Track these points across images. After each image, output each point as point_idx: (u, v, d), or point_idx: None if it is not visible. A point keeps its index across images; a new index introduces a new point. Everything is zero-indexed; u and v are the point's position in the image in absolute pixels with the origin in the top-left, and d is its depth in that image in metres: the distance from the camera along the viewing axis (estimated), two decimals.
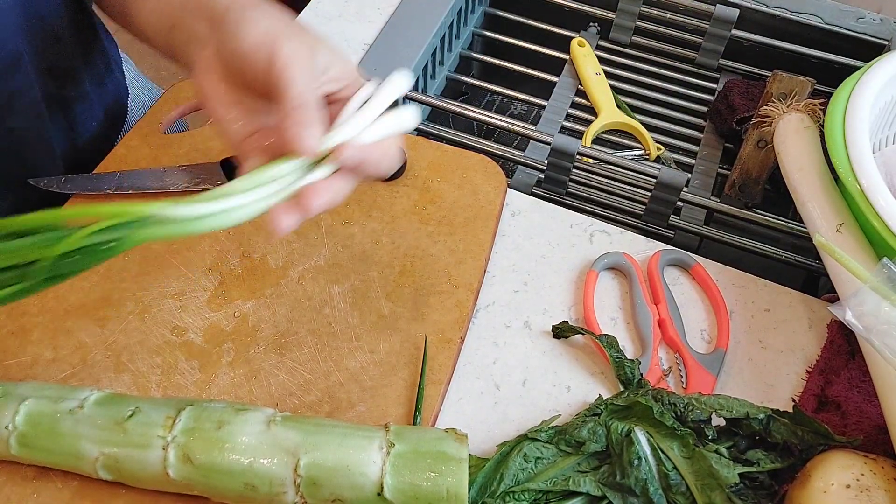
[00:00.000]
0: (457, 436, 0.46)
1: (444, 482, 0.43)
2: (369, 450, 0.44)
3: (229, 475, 0.44)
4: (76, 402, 0.47)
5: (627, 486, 0.46)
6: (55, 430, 0.46)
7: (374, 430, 0.46)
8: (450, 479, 0.43)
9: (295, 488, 0.44)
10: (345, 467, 0.44)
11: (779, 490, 0.47)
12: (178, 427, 0.45)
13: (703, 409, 0.49)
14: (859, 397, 0.52)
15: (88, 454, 0.45)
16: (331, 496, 0.44)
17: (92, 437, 0.46)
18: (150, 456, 0.45)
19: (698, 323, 0.59)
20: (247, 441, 0.45)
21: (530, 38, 0.89)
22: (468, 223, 0.61)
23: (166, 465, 0.44)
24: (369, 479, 0.43)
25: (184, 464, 0.44)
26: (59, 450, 0.46)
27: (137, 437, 0.45)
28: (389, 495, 0.43)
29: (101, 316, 0.55)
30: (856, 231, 0.55)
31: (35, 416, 0.46)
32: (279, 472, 0.44)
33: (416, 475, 0.44)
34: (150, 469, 0.45)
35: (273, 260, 0.59)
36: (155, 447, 0.45)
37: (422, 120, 0.83)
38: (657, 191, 0.68)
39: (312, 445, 0.44)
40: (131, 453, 0.45)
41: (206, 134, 0.66)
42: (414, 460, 0.44)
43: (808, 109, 0.64)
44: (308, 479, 0.44)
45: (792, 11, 0.85)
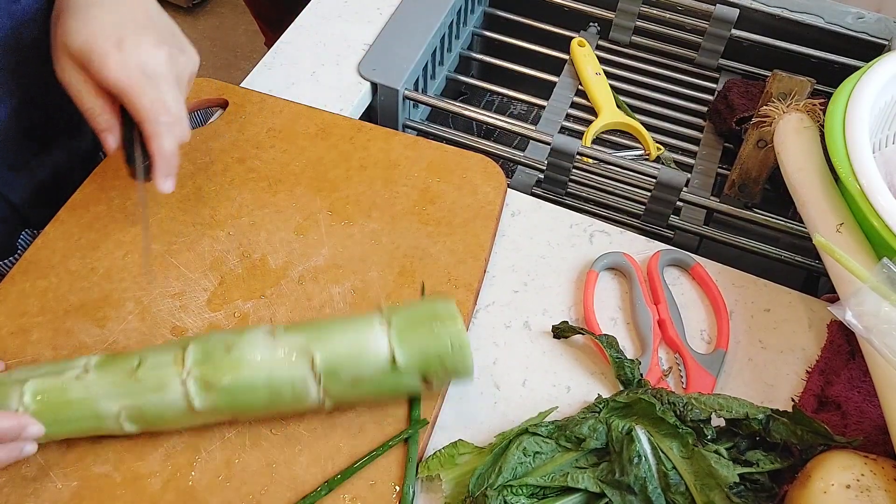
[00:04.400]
0: (443, 300, 0.49)
1: (446, 337, 0.47)
2: (372, 330, 0.48)
3: (252, 390, 0.46)
4: (79, 369, 0.47)
5: (626, 484, 0.46)
6: (67, 400, 0.46)
7: (368, 315, 0.49)
8: (450, 332, 0.47)
9: (316, 383, 0.47)
10: (356, 351, 0.47)
11: (779, 491, 0.47)
12: (190, 361, 0.47)
13: (703, 409, 0.49)
14: (859, 397, 0.52)
15: (109, 411, 0.46)
16: (350, 380, 0.47)
17: (108, 394, 0.46)
18: (171, 395, 0.46)
19: (698, 323, 0.59)
20: (259, 355, 0.47)
21: (530, 38, 0.90)
22: (468, 223, 0.61)
23: (189, 398, 0.46)
24: (381, 355, 0.47)
25: (207, 392, 0.46)
26: (76, 417, 0.46)
27: (154, 381, 0.46)
28: (402, 362, 0.47)
29: (101, 316, 0.55)
30: (856, 231, 0.55)
31: (43, 393, 0.46)
32: (298, 372, 0.47)
33: (420, 339, 0.47)
34: (174, 407, 0.46)
35: (273, 260, 0.59)
36: (173, 385, 0.46)
37: (422, 120, 0.83)
38: (657, 191, 0.68)
39: (319, 341, 0.47)
40: (152, 398, 0.46)
41: (206, 133, 0.66)
42: (414, 328, 0.48)
43: (808, 109, 0.64)
44: (327, 370, 0.47)
45: (792, 11, 0.85)
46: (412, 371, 0.47)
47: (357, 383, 0.47)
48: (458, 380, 0.50)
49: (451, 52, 0.88)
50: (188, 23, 2.21)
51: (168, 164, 0.52)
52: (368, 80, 0.75)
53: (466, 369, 0.48)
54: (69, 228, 0.59)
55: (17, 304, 0.55)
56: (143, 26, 0.52)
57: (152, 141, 0.51)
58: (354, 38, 0.79)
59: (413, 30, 0.79)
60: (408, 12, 0.81)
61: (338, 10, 0.82)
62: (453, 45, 0.88)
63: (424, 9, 0.81)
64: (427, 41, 0.78)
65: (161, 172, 0.52)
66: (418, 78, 0.80)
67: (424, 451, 0.52)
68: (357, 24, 0.81)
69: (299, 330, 0.49)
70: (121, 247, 0.59)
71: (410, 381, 0.48)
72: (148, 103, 0.50)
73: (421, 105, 0.82)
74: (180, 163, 0.64)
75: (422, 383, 0.48)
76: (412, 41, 0.78)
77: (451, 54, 0.88)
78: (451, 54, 0.88)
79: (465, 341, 0.47)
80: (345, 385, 0.47)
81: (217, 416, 0.48)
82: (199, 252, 0.59)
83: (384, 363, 0.47)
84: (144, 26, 0.52)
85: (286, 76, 0.75)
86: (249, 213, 0.61)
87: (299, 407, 0.48)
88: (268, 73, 0.76)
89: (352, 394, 0.48)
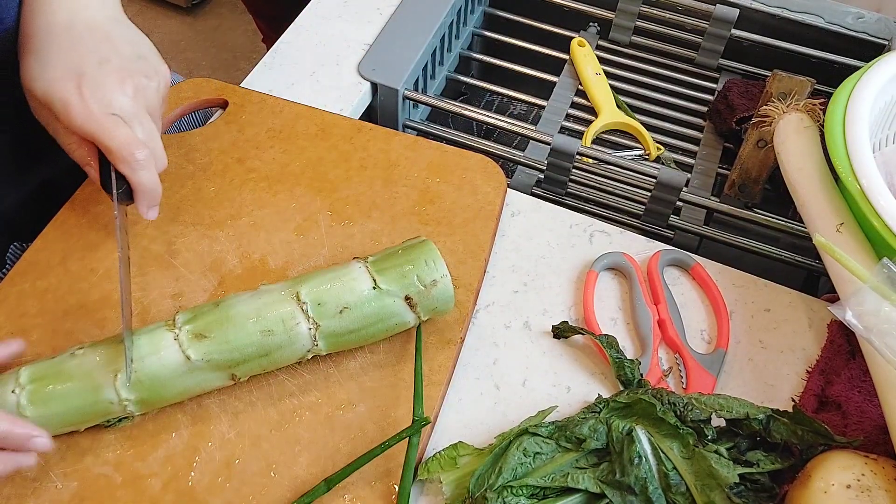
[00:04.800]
0: (412, 238, 0.54)
1: (420, 256, 0.51)
2: (351, 267, 0.51)
3: (244, 332, 0.48)
4: (72, 350, 0.48)
5: (627, 485, 0.46)
6: (63, 372, 0.47)
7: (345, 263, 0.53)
8: (423, 253, 0.51)
9: (305, 316, 0.49)
10: (338, 281, 0.50)
11: (779, 491, 0.47)
12: (181, 320, 0.49)
13: (703, 409, 0.49)
14: (860, 397, 0.52)
15: (105, 379, 0.47)
16: (337, 307, 0.50)
17: (102, 363, 0.47)
18: (166, 353, 0.48)
19: (698, 323, 0.59)
20: (245, 303, 0.49)
21: (530, 38, 0.89)
22: (468, 223, 0.61)
23: (184, 350, 0.47)
24: (363, 281, 0.50)
25: (199, 342, 0.48)
26: (73, 390, 0.46)
27: (148, 345, 0.48)
28: (384, 285, 0.50)
29: (101, 317, 0.55)
30: (856, 231, 0.55)
31: (38, 371, 0.47)
32: (286, 308, 0.49)
33: (396, 262, 0.51)
34: (169, 364, 0.48)
35: (273, 260, 0.59)
36: (167, 342, 0.48)
37: (422, 120, 0.83)
38: (657, 191, 0.68)
39: (302, 282, 0.51)
40: (148, 360, 0.47)
41: (206, 133, 0.66)
42: (389, 257, 0.52)
43: (808, 109, 0.63)
44: (313, 301, 0.49)
45: (792, 11, 0.85)
46: (395, 291, 0.50)
47: (344, 311, 0.50)
48: (439, 299, 0.51)
49: (451, 52, 0.88)
50: (188, 23, 2.21)
51: (150, 196, 0.53)
52: (368, 80, 0.75)
53: (444, 284, 0.51)
54: (69, 229, 0.59)
55: (17, 305, 0.55)
56: (104, 60, 0.51)
57: (131, 178, 0.51)
58: (354, 38, 0.79)
59: (413, 30, 0.79)
60: (408, 12, 0.81)
61: (338, 10, 0.82)
62: (453, 45, 0.88)
63: (424, 9, 0.81)
64: (427, 41, 0.78)
65: (144, 204, 0.53)
66: (418, 78, 0.80)
67: (425, 451, 0.51)
68: (357, 24, 0.81)
69: (282, 282, 0.52)
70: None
71: (395, 305, 0.51)
72: (118, 145, 0.50)
73: (421, 105, 0.82)
74: (179, 163, 0.64)
75: (406, 306, 0.51)
76: (412, 41, 0.78)
77: (451, 54, 0.88)
78: (451, 54, 0.88)
79: (439, 258, 0.51)
80: (332, 315, 0.49)
81: (213, 371, 0.49)
82: (199, 252, 0.59)
83: (367, 288, 0.50)
84: (105, 60, 0.51)
85: (286, 76, 0.75)
86: (249, 214, 0.61)
87: (293, 348, 0.50)
88: (268, 73, 0.76)
89: (340, 325, 0.50)
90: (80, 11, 0.53)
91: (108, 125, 0.50)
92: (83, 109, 0.49)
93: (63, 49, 0.51)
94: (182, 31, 2.19)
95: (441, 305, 0.52)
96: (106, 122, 0.50)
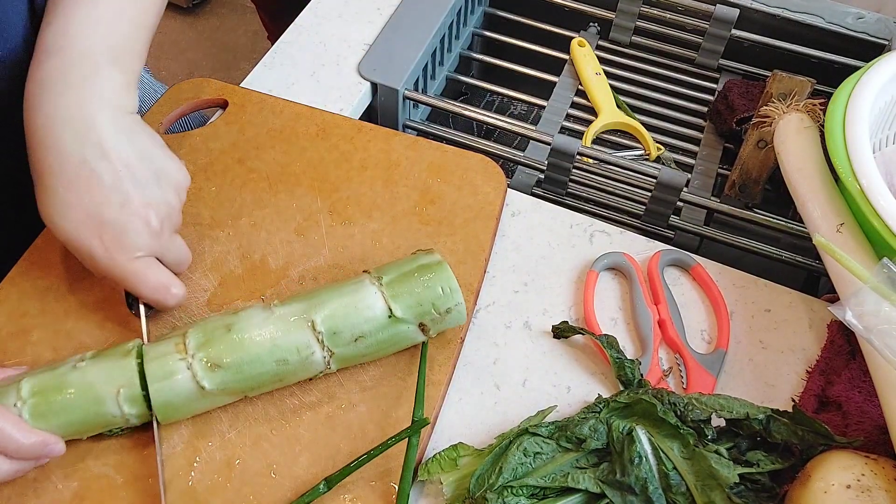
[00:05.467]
0: (423, 251, 0.54)
1: (437, 283, 0.51)
2: (365, 289, 0.50)
3: (259, 361, 0.48)
4: (74, 362, 0.48)
5: (627, 485, 0.46)
6: (65, 386, 0.46)
7: (357, 279, 0.52)
8: (440, 279, 0.51)
9: (320, 345, 0.49)
10: (353, 308, 0.50)
11: (779, 491, 0.47)
12: (192, 345, 0.48)
13: (704, 409, 0.49)
14: (860, 397, 0.52)
15: (108, 393, 0.46)
16: (352, 336, 0.49)
17: (105, 377, 0.47)
18: (179, 381, 0.47)
19: (698, 323, 0.59)
20: (260, 328, 0.49)
21: (530, 38, 0.89)
22: (468, 223, 0.61)
23: (198, 380, 0.47)
24: (378, 309, 0.50)
25: (213, 372, 0.47)
26: (75, 404, 0.46)
27: (159, 370, 0.47)
28: (400, 314, 0.50)
29: (102, 316, 0.55)
30: (856, 231, 0.55)
31: (39, 385, 0.46)
32: (301, 337, 0.49)
33: (413, 289, 0.50)
34: (182, 392, 0.47)
35: (273, 261, 0.59)
36: (180, 369, 0.47)
37: (422, 120, 0.83)
38: (657, 191, 0.68)
39: (316, 307, 0.50)
40: (159, 385, 0.47)
41: (207, 133, 0.66)
42: (404, 281, 0.51)
43: (808, 109, 0.63)
44: (328, 330, 0.49)
45: (792, 11, 0.85)
46: (409, 320, 0.50)
47: (359, 340, 0.50)
48: (451, 322, 0.52)
49: (451, 53, 0.88)
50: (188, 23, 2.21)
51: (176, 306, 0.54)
52: (368, 80, 0.75)
53: (459, 311, 0.51)
54: None
55: (17, 305, 0.55)
56: (126, 202, 0.48)
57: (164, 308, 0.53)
58: (354, 38, 0.79)
59: (413, 30, 0.79)
60: (408, 12, 0.81)
61: (338, 10, 0.82)
62: (453, 46, 0.88)
63: (424, 9, 0.81)
64: (427, 41, 0.78)
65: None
66: (418, 78, 0.80)
67: (425, 451, 0.52)
68: (357, 24, 0.81)
69: (294, 299, 0.51)
70: None
71: (408, 330, 0.51)
72: (148, 292, 0.50)
73: (421, 105, 0.82)
74: None
75: (419, 331, 0.51)
76: (412, 41, 0.78)
77: (451, 54, 0.88)
78: (451, 54, 0.88)
79: (455, 284, 0.51)
80: (347, 343, 0.50)
81: (227, 396, 0.49)
82: (199, 252, 0.59)
83: (382, 317, 0.50)
84: (127, 201, 0.48)
85: (286, 76, 0.75)
86: (249, 214, 0.61)
87: (306, 373, 0.50)
88: (268, 73, 0.76)
89: (355, 351, 0.50)
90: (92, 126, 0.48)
91: (135, 273, 0.49)
92: (109, 261, 0.48)
93: (81, 191, 0.48)
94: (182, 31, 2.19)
95: (452, 327, 0.53)
96: (132, 270, 0.49)
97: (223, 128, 0.67)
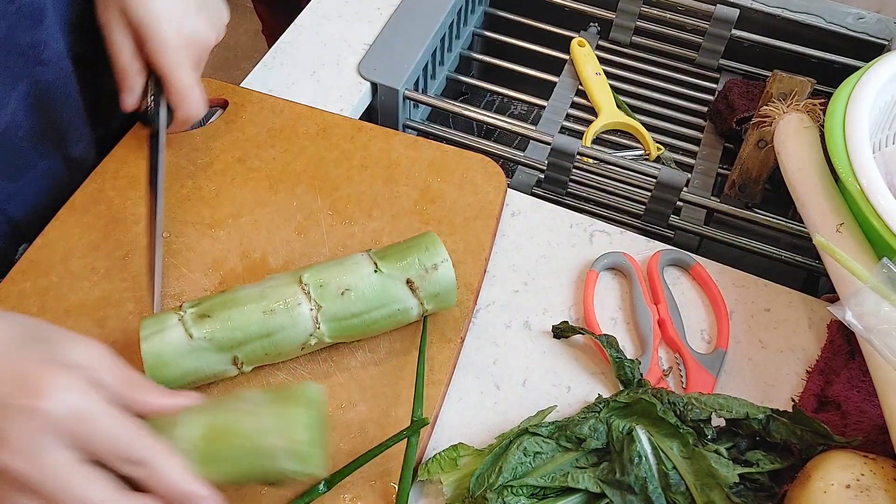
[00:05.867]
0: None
1: (421, 242, 0.53)
2: (354, 255, 0.53)
3: (247, 311, 0.49)
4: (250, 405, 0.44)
5: (627, 484, 0.46)
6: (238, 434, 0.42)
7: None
8: (423, 239, 0.53)
9: (306, 296, 0.50)
10: (340, 265, 0.52)
11: (779, 490, 0.47)
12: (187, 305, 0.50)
13: (703, 408, 0.49)
14: (859, 397, 0.52)
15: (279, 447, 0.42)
16: (338, 289, 0.50)
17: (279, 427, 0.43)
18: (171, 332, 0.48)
19: (698, 323, 0.59)
20: (250, 288, 0.51)
21: (530, 38, 0.90)
22: (468, 223, 0.61)
23: (187, 328, 0.48)
24: (364, 265, 0.51)
25: (202, 321, 0.49)
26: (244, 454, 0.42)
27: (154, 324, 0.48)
28: (385, 269, 0.51)
29: (101, 316, 0.55)
30: (856, 231, 0.55)
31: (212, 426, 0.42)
32: (288, 288, 0.50)
33: (398, 249, 0.53)
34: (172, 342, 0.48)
35: (273, 260, 0.59)
36: (172, 322, 0.49)
37: (422, 120, 0.83)
38: (657, 191, 0.68)
39: (306, 269, 0.52)
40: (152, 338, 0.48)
41: (206, 133, 0.66)
42: (391, 246, 0.53)
43: (808, 109, 0.64)
44: (314, 283, 0.50)
45: (792, 11, 0.85)
46: (396, 275, 0.51)
47: (345, 293, 0.50)
48: (440, 283, 0.52)
49: (452, 52, 0.88)
50: None
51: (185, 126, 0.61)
52: (368, 80, 0.75)
53: (446, 269, 0.52)
54: (69, 228, 0.59)
55: (18, 304, 0.55)
56: (202, 6, 0.58)
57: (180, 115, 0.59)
58: (354, 38, 0.79)
59: (413, 30, 0.79)
60: (408, 12, 0.81)
61: (338, 10, 0.82)
62: (453, 45, 0.88)
63: (424, 9, 0.81)
64: (427, 41, 0.78)
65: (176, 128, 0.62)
66: (418, 78, 0.80)
67: (425, 450, 0.52)
68: (357, 24, 0.81)
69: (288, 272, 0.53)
70: (121, 247, 0.59)
71: (396, 288, 0.51)
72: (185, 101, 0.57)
73: (421, 105, 0.82)
74: (180, 163, 0.64)
75: (408, 290, 0.51)
76: (412, 41, 0.78)
77: (452, 54, 0.88)
78: (452, 54, 0.88)
79: (439, 242, 0.52)
80: (334, 297, 0.50)
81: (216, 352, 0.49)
82: (200, 252, 0.59)
83: (369, 271, 0.51)
84: (203, 6, 0.58)
85: (286, 76, 0.75)
86: (250, 213, 0.61)
87: (296, 331, 0.50)
88: (268, 73, 0.76)
89: (343, 309, 0.50)
90: None
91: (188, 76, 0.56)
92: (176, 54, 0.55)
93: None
94: None
95: (443, 292, 0.52)
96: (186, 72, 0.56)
97: (223, 127, 0.67)
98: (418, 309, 0.52)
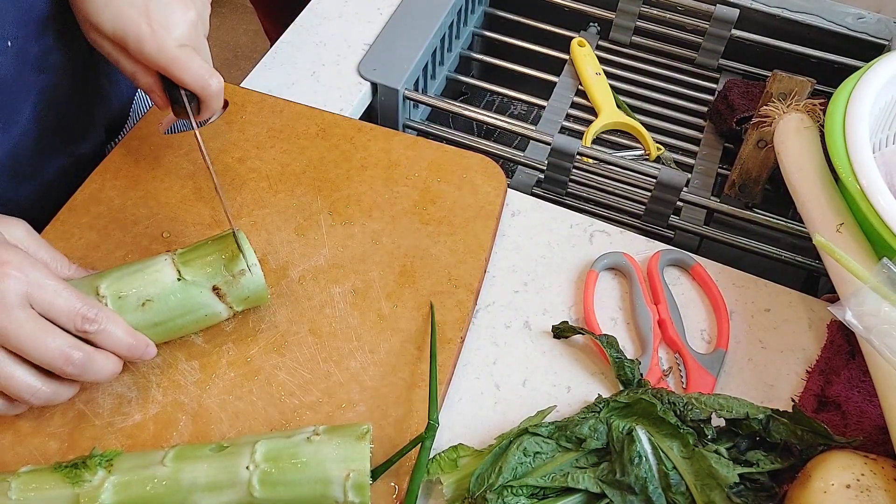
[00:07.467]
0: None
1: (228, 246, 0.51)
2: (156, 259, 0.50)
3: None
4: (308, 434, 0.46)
5: (627, 484, 0.46)
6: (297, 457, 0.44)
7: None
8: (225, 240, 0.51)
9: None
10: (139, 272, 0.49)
11: (779, 491, 0.47)
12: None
13: (703, 408, 0.49)
14: (859, 397, 0.52)
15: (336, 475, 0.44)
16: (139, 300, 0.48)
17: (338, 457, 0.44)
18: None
19: (698, 323, 0.59)
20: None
21: (530, 38, 0.90)
22: (468, 223, 0.61)
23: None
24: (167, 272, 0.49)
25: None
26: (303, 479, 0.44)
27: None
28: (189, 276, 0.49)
29: None
30: (856, 231, 0.55)
31: (273, 451, 0.44)
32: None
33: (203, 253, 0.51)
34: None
35: (273, 260, 0.59)
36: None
37: (422, 120, 0.83)
38: (657, 191, 0.68)
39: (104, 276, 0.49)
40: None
41: (207, 134, 0.66)
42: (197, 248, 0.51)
43: (808, 109, 0.64)
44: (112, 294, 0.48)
45: (792, 11, 0.85)
46: (200, 282, 0.49)
47: (146, 304, 0.48)
48: (249, 288, 0.51)
49: (452, 52, 0.88)
50: None
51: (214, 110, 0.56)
52: (368, 80, 0.75)
53: (255, 273, 0.50)
54: (69, 228, 0.59)
55: None
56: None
57: (206, 103, 0.54)
58: (354, 38, 0.79)
59: (413, 30, 0.79)
60: (408, 12, 0.81)
61: (338, 10, 0.82)
62: (453, 45, 0.88)
63: (424, 9, 0.81)
64: (427, 41, 0.78)
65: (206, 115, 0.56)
66: (418, 78, 0.80)
67: None
68: (357, 24, 0.81)
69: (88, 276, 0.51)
70: (121, 247, 0.59)
71: (201, 296, 0.49)
72: (192, 77, 0.52)
73: (421, 105, 0.82)
74: (180, 163, 0.64)
75: (215, 296, 0.50)
76: (412, 41, 0.78)
77: (452, 54, 0.88)
78: (452, 54, 0.88)
79: (248, 245, 0.50)
80: (134, 308, 0.48)
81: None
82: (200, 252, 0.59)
83: (171, 280, 0.49)
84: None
85: (286, 76, 0.75)
86: (250, 213, 0.61)
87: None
88: (268, 73, 0.76)
89: (145, 319, 0.48)
90: None
91: (180, 57, 0.52)
92: (155, 44, 0.51)
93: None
94: None
95: (253, 295, 0.51)
96: (178, 54, 0.52)
97: (223, 128, 0.67)
98: (228, 312, 0.52)
